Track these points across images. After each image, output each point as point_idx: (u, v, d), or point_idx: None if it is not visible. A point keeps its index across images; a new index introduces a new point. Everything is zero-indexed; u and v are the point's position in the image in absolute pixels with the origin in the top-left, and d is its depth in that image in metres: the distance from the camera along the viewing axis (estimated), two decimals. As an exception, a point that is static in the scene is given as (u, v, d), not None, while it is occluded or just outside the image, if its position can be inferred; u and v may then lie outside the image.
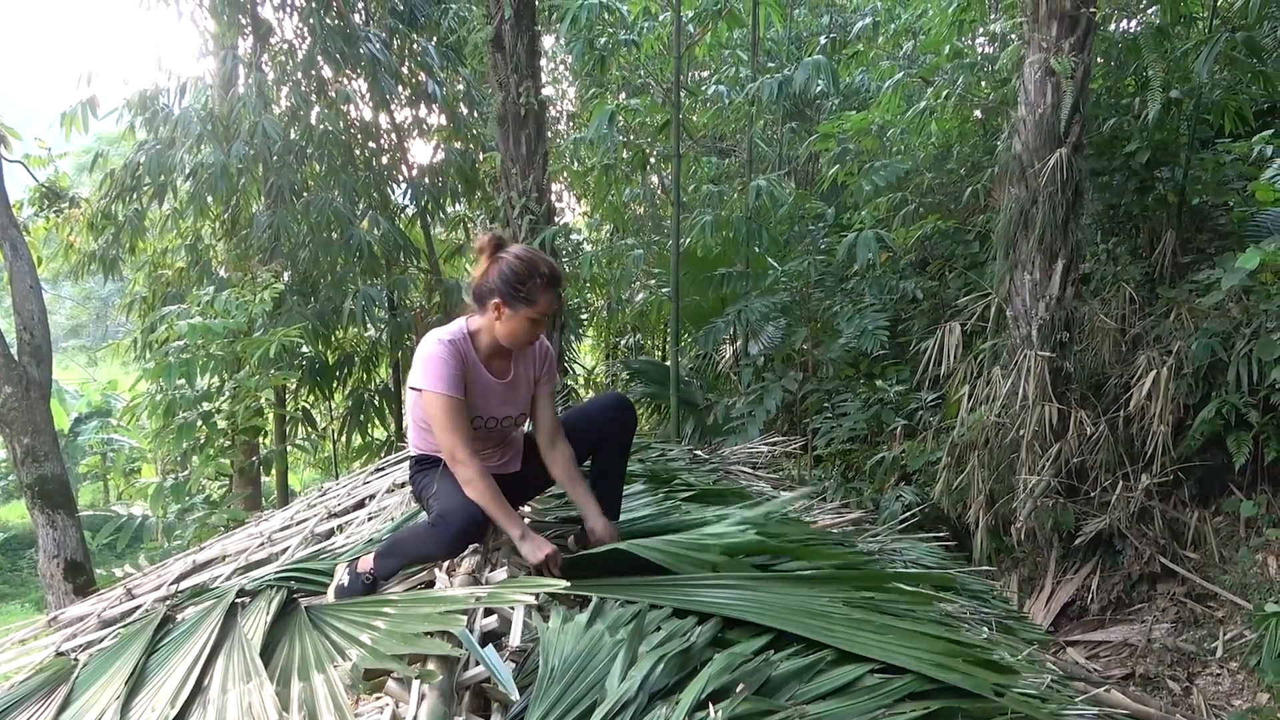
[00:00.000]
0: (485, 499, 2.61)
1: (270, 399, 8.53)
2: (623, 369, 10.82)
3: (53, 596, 7.30)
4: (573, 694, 1.95)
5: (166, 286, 9.92)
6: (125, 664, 2.53)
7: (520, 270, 2.69)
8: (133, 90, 9.31)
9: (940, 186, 9.06)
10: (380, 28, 10.09)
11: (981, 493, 6.52)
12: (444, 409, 2.67)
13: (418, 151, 14.70)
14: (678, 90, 7.72)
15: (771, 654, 2.16)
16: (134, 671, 2.47)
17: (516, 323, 2.72)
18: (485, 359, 2.80)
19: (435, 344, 2.72)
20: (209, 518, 7.07)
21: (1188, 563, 6.24)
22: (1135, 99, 7.27)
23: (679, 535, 2.78)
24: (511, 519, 2.65)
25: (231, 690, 2.21)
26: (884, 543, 4.21)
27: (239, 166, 8.86)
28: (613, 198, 10.01)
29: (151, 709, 2.25)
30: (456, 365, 2.70)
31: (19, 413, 7.25)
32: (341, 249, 9.34)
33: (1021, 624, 3.99)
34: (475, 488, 2.62)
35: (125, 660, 2.56)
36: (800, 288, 8.64)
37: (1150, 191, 7.50)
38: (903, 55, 9.18)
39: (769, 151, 10.09)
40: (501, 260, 2.72)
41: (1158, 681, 5.59)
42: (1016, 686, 2.29)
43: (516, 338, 2.76)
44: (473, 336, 2.79)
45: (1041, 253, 6.33)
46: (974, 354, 6.92)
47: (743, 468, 5.26)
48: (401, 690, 2.02)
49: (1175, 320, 6.58)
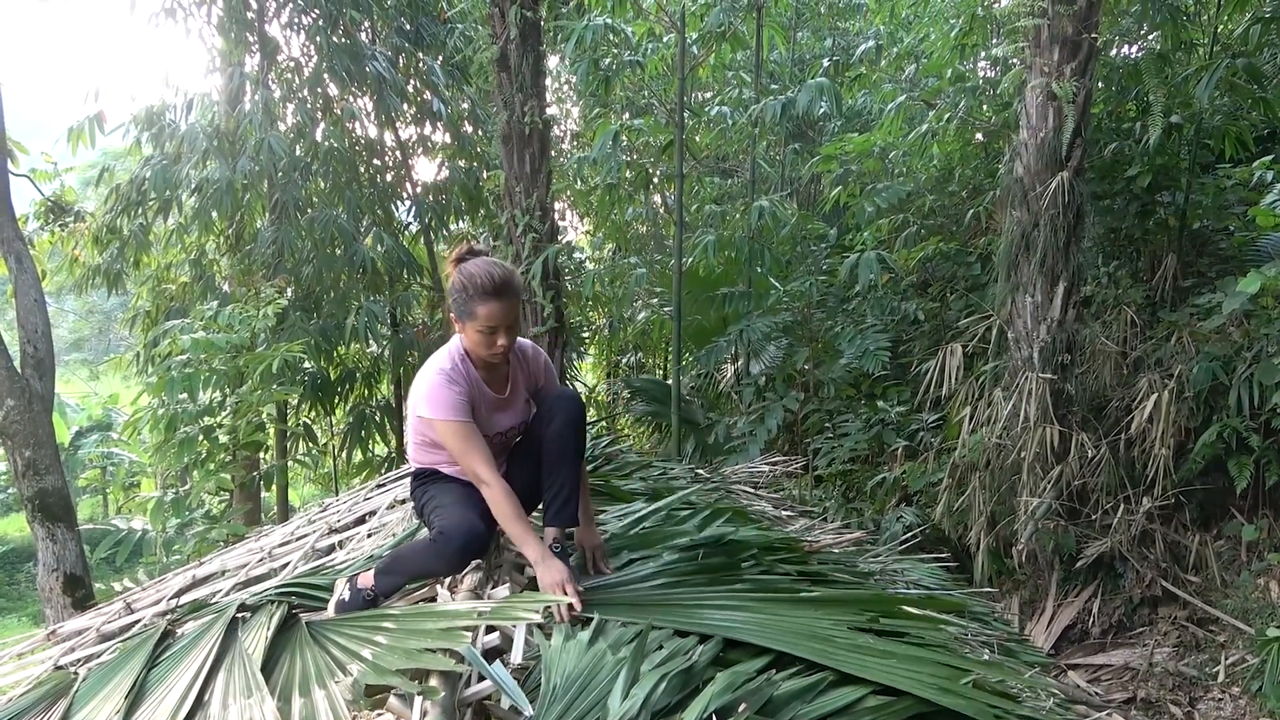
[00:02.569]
0: (508, 519, 2.60)
1: (272, 414, 8.53)
2: (624, 387, 10.82)
3: (51, 610, 7.27)
4: (575, 712, 1.95)
5: (170, 301, 9.95)
6: (125, 678, 2.53)
7: (459, 283, 2.64)
8: (140, 106, 9.38)
9: (942, 209, 9.09)
10: (386, 46, 10.17)
11: (983, 514, 6.52)
12: (458, 435, 2.65)
13: (422, 169, 14.83)
14: (681, 111, 7.76)
15: (773, 674, 2.16)
16: (134, 686, 2.46)
17: (470, 336, 2.68)
18: (484, 375, 2.78)
19: (436, 374, 2.70)
20: (209, 532, 7.07)
21: (1189, 586, 6.23)
22: (1136, 124, 7.31)
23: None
24: (530, 540, 2.60)
25: (233, 705, 2.21)
26: (885, 563, 4.21)
27: (244, 182, 8.90)
28: (616, 217, 10.07)
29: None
30: (461, 390, 2.68)
31: (21, 426, 7.25)
32: (345, 265, 9.37)
33: (1023, 647, 3.99)
34: (501, 510, 2.61)
35: (125, 675, 2.56)
36: (802, 308, 8.66)
37: (1151, 215, 7.53)
38: (905, 78, 9.23)
39: (772, 172, 10.14)
40: (453, 274, 2.69)
41: (1159, 706, 5.57)
42: (1018, 711, 2.29)
43: (479, 351, 2.70)
44: (468, 355, 2.76)
45: (1043, 275, 6.36)
46: (975, 375, 6.93)
47: (744, 487, 5.25)
48: (404, 707, 2.02)
49: (1176, 344, 6.59)
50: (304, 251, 9.32)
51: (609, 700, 1.98)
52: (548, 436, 2.78)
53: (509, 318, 2.62)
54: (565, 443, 2.78)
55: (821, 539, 4.10)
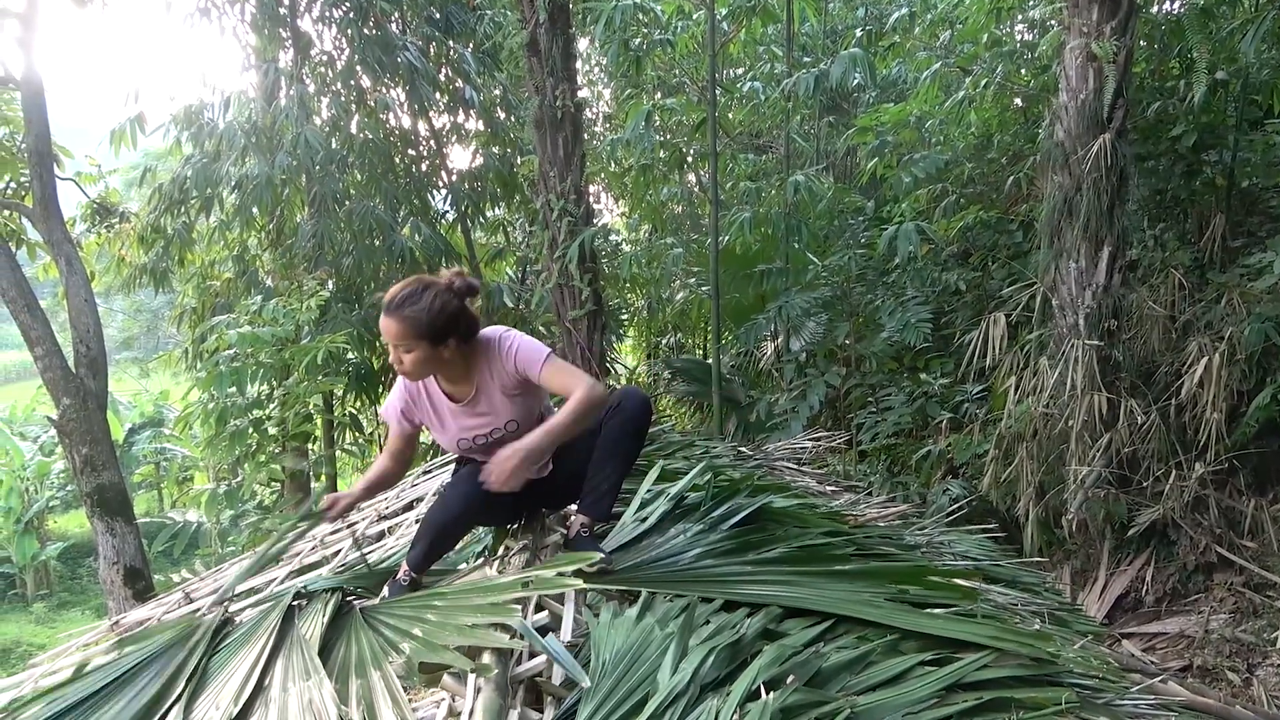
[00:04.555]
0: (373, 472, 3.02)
1: (319, 405, 8.65)
2: (664, 368, 10.83)
3: (113, 602, 7.48)
4: (624, 687, 1.97)
5: (215, 297, 10.12)
6: (188, 664, 2.60)
7: None
8: (179, 106, 9.51)
9: (981, 176, 8.96)
10: (417, 36, 10.21)
11: (1031, 485, 6.45)
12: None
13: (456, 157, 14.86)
14: (713, 88, 7.72)
15: (821, 646, 2.17)
16: (195, 672, 2.53)
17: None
18: (448, 387, 2.88)
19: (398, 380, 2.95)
20: (262, 522, 7.20)
21: (1245, 552, 6.12)
22: (1180, 81, 7.14)
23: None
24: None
25: (292, 688, 2.26)
26: (931, 536, 4.18)
27: (283, 177, 9.00)
28: (650, 197, 10.03)
29: (216, 707, 2.31)
30: (401, 402, 2.94)
31: (78, 423, 7.44)
32: (384, 255, 9.46)
33: (1075, 616, 3.94)
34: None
35: (188, 660, 2.63)
36: (841, 282, 8.59)
37: (1198, 175, 7.36)
38: (940, 45, 9.08)
39: (806, 146, 10.05)
40: None
41: (1216, 673, 5.49)
42: (1071, 676, 2.27)
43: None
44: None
45: (1087, 240, 6.25)
46: (1020, 345, 6.84)
47: (787, 464, 5.25)
48: (458, 684, 2.05)
49: (1226, 305, 6.44)
50: (343, 243, 9.42)
51: (659, 674, 1.99)
52: (606, 428, 2.83)
53: (393, 335, 2.70)
54: (617, 443, 2.83)
55: (867, 513, 4.09)
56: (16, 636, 15.89)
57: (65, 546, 19.26)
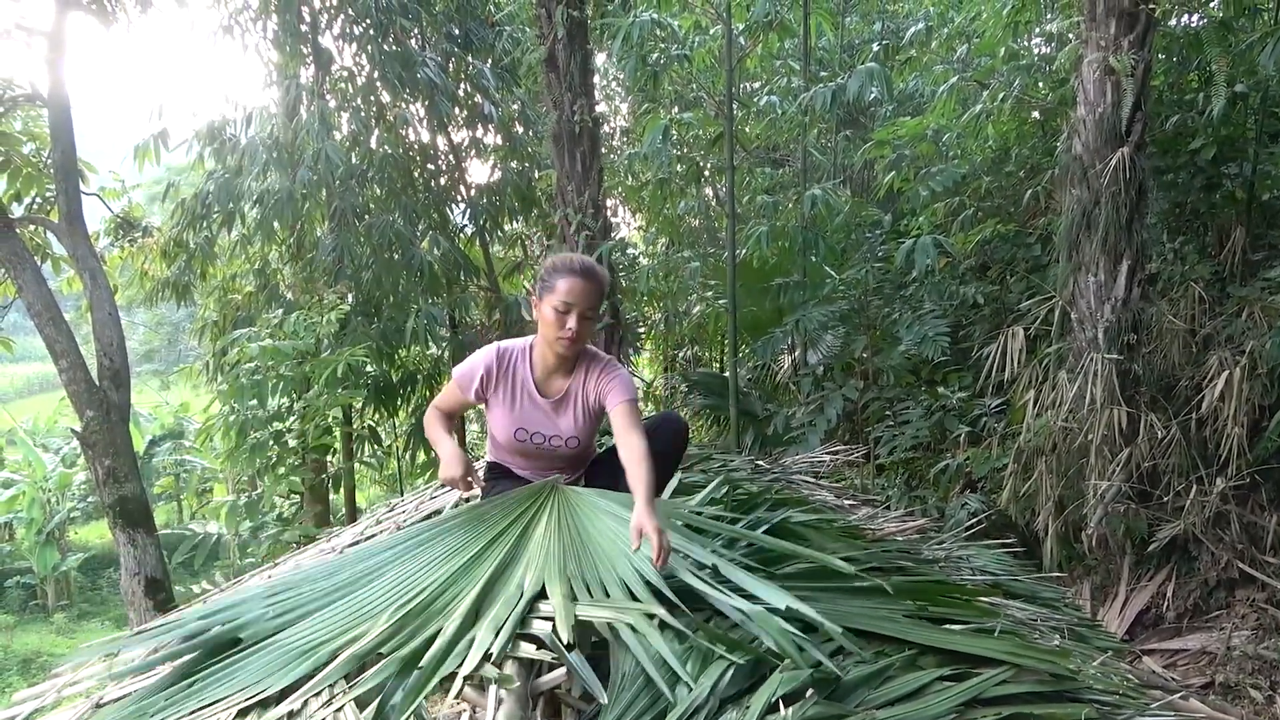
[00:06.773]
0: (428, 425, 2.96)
1: (338, 417, 8.71)
2: (681, 381, 10.84)
3: (134, 613, 7.53)
4: (644, 699, 1.98)
5: (236, 311, 10.22)
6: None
7: (548, 263, 2.82)
8: (201, 122, 9.64)
9: (999, 190, 8.94)
10: (436, 52, 10.30)
11: (1050, 499, 6.41)
12: (446, 389, 3.01)
13: (475, 171, 15.00)
14: (730, 102, 7.75)
15: (841, 659, 2.17)
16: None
17: (543, 313, 2.78)
18: (540, 376, 2.86)
19: (490, 346, 2.90)
20: (281, 534, 7.25)
21: (1268, 568, 6.06)
22: (1199, 94, 7.12)
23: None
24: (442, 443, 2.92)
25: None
26: (950, 550, 4.17)
27: (303, 192, 9.09)
28: (668, 211, 10.07)
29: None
30: (485, 369, 2.87)
31: (100, 435, 7.51)
32: (403, 269, 9.52)
33: (1095, 632, 3.92)
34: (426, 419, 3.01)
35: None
36: (858, 296, 8.59)
37: (1217, 188, 7.32)
38: (957, 59, 9.09)
39: (823, 160, 10.06)
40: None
41: (1239, 690, 5.44)
42: (1091, 692, 2.27)
43: (547, 332, 2.78)
44: (532, 351, 2.88)
45: (1105, 254, 6.23)
46: (1038, 358, 6.81)
47: (804, 477, 5.24)
48: (478, 695, 2.07)
49: (1247, 319, 6.40)
50: (363, 257, 9.49)
51: (678, 687, 2.00)
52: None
53: (584, 300, 2.71)
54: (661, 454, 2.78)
55: (884, 527, 4.09)
56: (37, 647, 16.02)
57: (86, 557, 19.43)
